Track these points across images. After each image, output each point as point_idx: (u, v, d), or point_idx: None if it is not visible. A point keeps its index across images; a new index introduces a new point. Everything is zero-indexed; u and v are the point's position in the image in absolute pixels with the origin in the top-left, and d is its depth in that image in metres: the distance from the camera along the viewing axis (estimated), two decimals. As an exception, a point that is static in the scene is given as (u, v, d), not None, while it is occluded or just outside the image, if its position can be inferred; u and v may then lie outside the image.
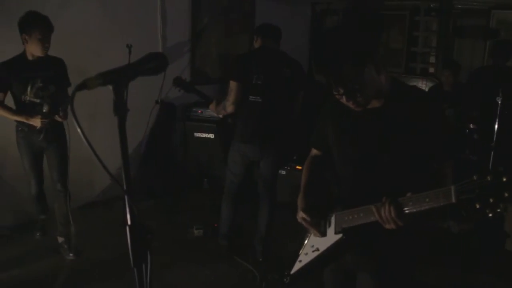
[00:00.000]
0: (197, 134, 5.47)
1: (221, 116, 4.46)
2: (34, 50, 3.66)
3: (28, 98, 3.58)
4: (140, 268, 1.27)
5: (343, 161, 2.03)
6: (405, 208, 1.66)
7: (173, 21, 5.65)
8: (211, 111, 5.23)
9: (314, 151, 2.29)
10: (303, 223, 2.07)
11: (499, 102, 4.55)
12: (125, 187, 1.23)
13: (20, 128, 3.82)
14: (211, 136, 5.41)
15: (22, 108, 3.68)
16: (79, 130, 1.12)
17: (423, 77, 7.41)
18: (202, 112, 5.48)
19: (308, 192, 2.13)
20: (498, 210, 1.40)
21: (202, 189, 5.54)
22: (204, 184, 5.50)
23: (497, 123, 4.60)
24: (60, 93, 3.75)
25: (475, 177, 1.45)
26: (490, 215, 1.42)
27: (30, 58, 3.71)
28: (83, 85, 1.15)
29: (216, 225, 4.41)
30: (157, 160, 5.51)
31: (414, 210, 1.63)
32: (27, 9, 4.14)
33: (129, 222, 1.25)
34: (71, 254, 3.97)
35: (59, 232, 4.03)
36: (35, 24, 3.60)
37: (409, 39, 7.57)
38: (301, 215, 2.05)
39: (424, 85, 7.24)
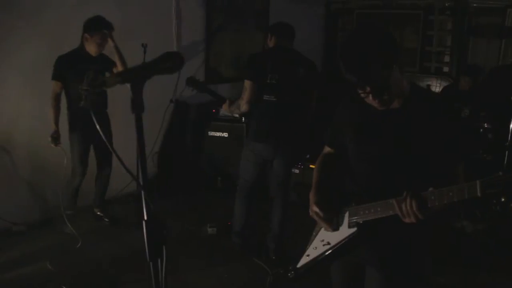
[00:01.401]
0: (211, 133, 5.50)
1: (236, 115, 4.47)
2: (90, 49, 4.13)
3: (84, 88, 3.74)
4: (156, 263, 1.30)
5: (360, 158, 2.07)
6: (427, 202, 1.69)
7: (187, 20, 5.69)
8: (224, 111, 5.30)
9: (327, 149, 2.32)
10: (315, 217, 2.10)
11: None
12: (141, 183, 1.27)
13: (72, 117, 4.19)
14: (225, 135, 5.44)
15: (75, 100, 4.09)
16: (98, 127, 1.16)
17: (438, 76, 7.37)
18: (216, 111, 5.51)
19: (320, 187, 2.15)
20: None
21: (216, 187, 5.57)
22: (218, 182, 5.53)
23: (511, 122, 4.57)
24: None
25: (500, 173, 1.49)
26: None
27: (87, 52, 4.14)
28: (102, 83, 1.19)
29: (229, 223, 4.44)
30: (171, 159, 5.56)
31: (436, 203, 1.66)
32: (43, 8, 4.24)
33: (145, 217, 1.28)
34: (106, 219, 4.62)
35: (96, 205, 4.66)
36: (99, 29, 4.08)
37: (424, 38, 7.54)
38: (313, 209, 2.08)
39: (438, 84, 7.20)
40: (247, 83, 3.74)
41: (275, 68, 3.72)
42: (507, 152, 4.68)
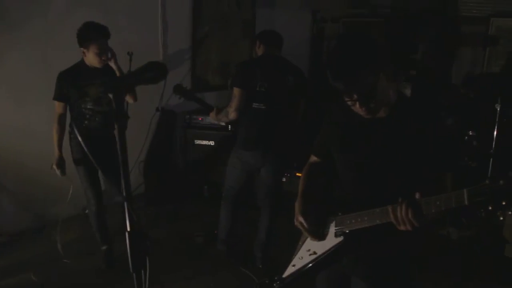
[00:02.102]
0: (198, 142, 5.48)
1: (223, 123, 4.44)
2: (92, 62, 3.64)
3: (88, 106, 3.57)
4: (139, 274, 1.29)
5: (346, 167, 2.07)
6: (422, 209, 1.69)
7: (174, 28, 5.68)
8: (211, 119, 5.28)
9: (313, 158, 2.32)
10: (301, 227, 2.09)
11: (498, 109, 4.58)
12: (124, 194, 1.25)
13: (72, 135, 3.70)
14: (212, 143, 5.43)
15: (78, 119, 3.62)
16: (79, 139, 1.15)
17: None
18: (202, 119, 5.50)
19: (306, 197, 2.15)
20: (510, 213, 1.46)
21: (202, 196, 5.55)
22: (205, 191, 5.51)
23: (496, 130, 4.62)
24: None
25: (487, 182, 1.50)
26: (501, 218, 1.49)
27: (89, 66, 3.66)
28: (85, 94, 1.17)
29: (216, 232, 4.42)
30: (157, 168, 5.53)
31: (424, 212, 1.66)
32: (28, 16, 4.20)
33: (128, 228, 1.27)
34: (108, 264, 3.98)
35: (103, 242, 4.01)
36: (92, 38, 3.59)
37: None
38: (299, 219, 2.08)
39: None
40: (236, 91, 3.73)
41: (264, 76, 3.72)
42: (491, 159, 4.72)
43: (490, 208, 1.49)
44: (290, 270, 2.18)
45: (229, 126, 5.32)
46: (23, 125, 4.32)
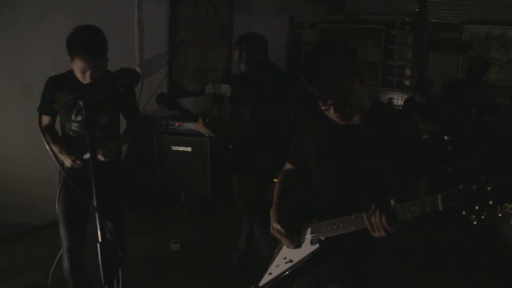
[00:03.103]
0: (175, 148, 5.44)
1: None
2: (77, 75, 2.80)
3: (72, 127, 2.85)
4: (112, 285, 1.26)
5: (321, 174, 2.06)
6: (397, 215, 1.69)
7: (150, 33, 5.63)
8: (189, 125, 5.23)
9: (288, 165, 2.31)
10: (277, 234, 2.07)
11: (473, 115, 4.65)
12: (95, 204, 1.22)
13: (61, 161, 2.82)
14: (189, 149, 5.38)
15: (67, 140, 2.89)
16: (47, 147, 1.11)
17: (399, 89, 7.55)
18: (179, 125, 5.45)
19: (281, 204, 2.14)
20: (482, 217, 1.47)
21: (179, 202, 5.50)
22: (182, 198, 5.46)
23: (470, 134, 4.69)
24: (114, 125, 3.01)
25: (461, 187, 1.52)
26: (475, 222, 1.49)
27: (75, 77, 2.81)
28: (53, 101, 1.14)
29: (193, 239, 4.39)
30: (134, 174, 5.46)
31: (399, 218, 1.66)
32: (1, 23, 4.11)
33: (100, 239, 1.24)
34: None
35: None
36: (77, 50, 2.79)
37: (385, 53, 7.71)
38: (275, 226, 2.06)
39: (400, 97, 7.37)
40: (247, 112, 3.49)
41: (271, 87, 3.56)
42: (466, 163, 4.78)
43: (463, 213, 1.50)
44: (266, 278, 2.16)
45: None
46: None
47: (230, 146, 3.63)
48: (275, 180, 4.91)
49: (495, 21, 7.11)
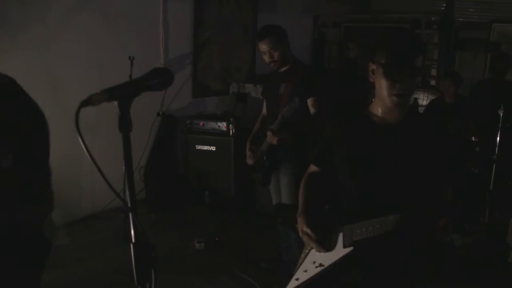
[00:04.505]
0: (199, 147, 5.45)
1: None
2: None
3: None
4: (144, 287, 1.25)
5: (354, 176, 2.02)
6: None
7: (175, 33, 5.66)
8: (213, 124, 5.24)
9: (313, 168, 2.27)
10: (306, 238, 2.03)
11: (501, 115, 4.55)
12: (129, 204, 1.22)
13: None
14: (213, 148, 5.39)
15: None
16: (83, 146, 1.11)
17: (425, 89, 7.43)
18: (203, 124, 5.47)
19: (309, 207, 2.10)
20: None
21: (203, 202, 5.51)
22: (206, 197, 5.47)
23: (498, 136, 4.59)
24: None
25: None
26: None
27: None
28: (88, 101, 1.13)
29: (217, 238, 4.39)
30: (158, 173, 5.49)
31: None
32: (28, 20, 4.17)
33: (133, 240, 1.23)
34: None
35: None
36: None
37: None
38: (305, 230, 2.01)
39: (425, 98, 7.24)
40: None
41: None
42: (494, 165, 4.68)
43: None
44: (293, 284, 2.11)
45: (231, 132, 5.30)
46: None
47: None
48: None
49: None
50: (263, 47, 3.40)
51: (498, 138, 4.61)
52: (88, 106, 1.14)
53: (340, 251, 1.94)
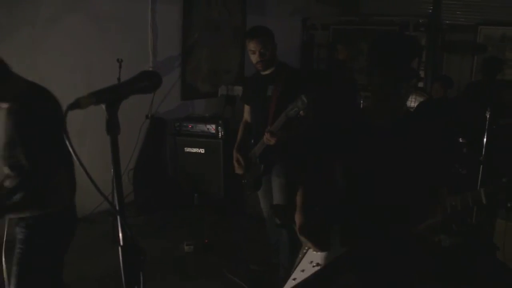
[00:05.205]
0: (188, 149, 5.43)
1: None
2: None
3: None
4: (133, 290, 1.25)
5: (351, 179, 2.04)
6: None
7: (164, 35, 5.65)
8: (202, 126, 5.24)
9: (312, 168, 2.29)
10: (302, 238, 2.05)
11: (488, 117, 4.59)
12: (117, 207, 1.22)
13: None
14: (202, 151, 5.38)
15: None
16: (70, 148, 1.11)
17: (413, 91, 7.48)
18: (192, 127, 5.46)
19: (307, 207, 2.12)
20: None
21: (192, 204, 5.50)
22: (195, 199, 5.46)
23: (485, 137, 4.63)
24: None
25: (504, 180, 1.55)
26: None
27: None
28: (76, 104, 1.13)
29: (206, 241, 4.38)
30: (147, 176, 5.48)
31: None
32: (17, 23, 4.14)
33: (121, 243, 1.23)
34: None
35: None
36: None
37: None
38: (302, 230, 2.03)
39: (413, 100, 7.29)
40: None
41: None
42: (481, 166, 4.72)
43: (509, 205, 1.53)
44: (290, 284, 2.12)
45: (219, 134, 5.30)
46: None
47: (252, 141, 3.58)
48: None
49: (511, 22, 7.04)
50: (254, 46, 3.37)
51: (485, 139, 4.66)
52: (76, 109, 1.14)
53: (338, 250, 1.95)
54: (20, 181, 2.18)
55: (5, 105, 2.23)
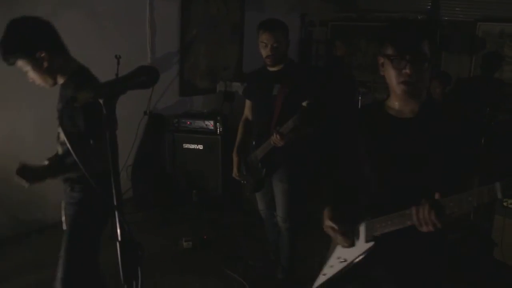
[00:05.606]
0: (186, 145, 5.43)
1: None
2: None
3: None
4: (131, 286, 1.25)
5: (374, 171, 2.03)
6: (445, 209, 1.64)
7: (162, 32, 5.64)
8: (200, 123, 5.24)
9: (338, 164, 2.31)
10: (330, 232, 2.05)
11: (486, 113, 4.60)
12: (115, 203, 1.21)
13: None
14: (200, 147, 5.38)
15: None
16: (68, 144, 1.11)
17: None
18: (191, 123, 5.45)
19: (334, 203, 2.12)
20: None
21: (191, 200, 5.50)
22: (193, 195, 5.46)
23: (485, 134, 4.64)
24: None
25: None
26: None
27: None
28: (73, 100, 1.13)
29: (205, 237, 4.38)
30: (145, 172, 5.47)
31: (455, 210, 1.62)
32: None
33: (119, 238, 1.23)
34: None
35: None
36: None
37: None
38: (328, 223, 2.03)
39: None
40: None
41: None
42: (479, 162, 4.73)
43: (505, 203, 1.50)
44: (321, 279, 2.14)
45: (218, 130, 5.29)
46: (8, 131, 4.24)
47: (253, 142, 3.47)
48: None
49: (509, 18, 7.03)
50: (267, 38, 3.24)
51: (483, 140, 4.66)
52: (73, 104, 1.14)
53: (362, 245, 1.95)
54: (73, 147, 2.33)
55: (61, 80, 2.46)
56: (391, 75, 1.85)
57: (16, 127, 4.29)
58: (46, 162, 2.44)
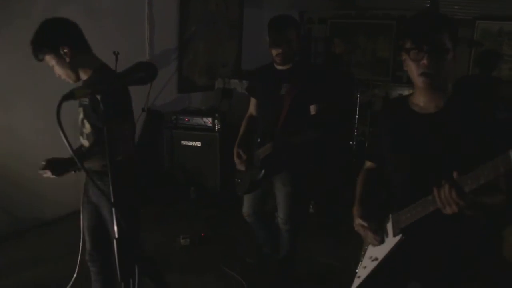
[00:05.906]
0: (184, 142, 5.42)
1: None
2: None
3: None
4: (128, 283, 1.24)
5: (399, 167, 2.03)
6: (465, 187, 1.62)
7: (160, 28, 5.62)
8: (198, 120, 5.24)
9: (368, 164, 2.31)
10: (361, 230, 2.07)
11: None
12: (112, 200, 1.21)
13: None
14: (198, 144, 5.37)
15: None
16: (65, 141, 1.10)
17: (410, 85, 7.46)
18: (189, 120, 5.44)
19: (364, 201, 2.14)
20: None
21: (189, 197, 5.49)
22: (191, 192, 5.46)
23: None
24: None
25: None
26: None
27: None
28: (70, 95, 1.12)
29: (203, 234, 4.38)
30: (143, 169, 5.46)
31: (474, 186, 1.59)
32: (11, 16, 4.11)
33: (116, 235, 1.22)
34: None
35: None
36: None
37: (396, 48, 7.64)
38: (358, 222, 2.06)
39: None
40: None
41: None
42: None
43: None
44: (356, 282, 2.14)
45: (216, 127, 5.28)
46: (7, 128, 4.23)
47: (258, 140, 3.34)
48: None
49: (508, 16, 7.03)
50: (279, 37, 3.07)
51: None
52: (70, 100, 1.13)
53: (391, 240, 1.96)
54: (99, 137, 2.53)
55: (84, 76, 2.53)
56: (412, 68, 1.84)
57: (15, 126, 4.27)
58: (43, 162, 2.50)
